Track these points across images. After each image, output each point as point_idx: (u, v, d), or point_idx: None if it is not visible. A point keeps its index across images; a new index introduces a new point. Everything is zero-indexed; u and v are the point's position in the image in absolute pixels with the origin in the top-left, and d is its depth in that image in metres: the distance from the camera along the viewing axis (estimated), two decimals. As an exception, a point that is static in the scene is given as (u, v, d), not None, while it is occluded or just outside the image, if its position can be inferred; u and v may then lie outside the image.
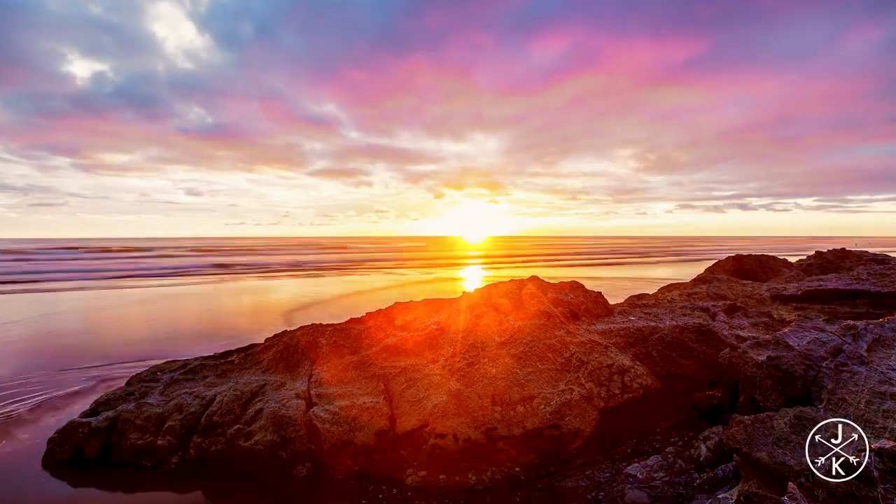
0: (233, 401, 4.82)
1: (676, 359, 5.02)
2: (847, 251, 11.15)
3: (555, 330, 5.46)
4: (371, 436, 4.31)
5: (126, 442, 4.58)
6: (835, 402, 3.65)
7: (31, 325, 11.00)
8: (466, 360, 5.07)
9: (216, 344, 8.52)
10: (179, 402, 4.95)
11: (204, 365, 5.95)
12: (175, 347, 8.68)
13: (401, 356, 5.41)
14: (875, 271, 8.17)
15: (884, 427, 3.18)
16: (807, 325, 5.35)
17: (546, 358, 4.99)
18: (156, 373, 5.87)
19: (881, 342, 4.56)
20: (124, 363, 7.71)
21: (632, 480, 3.79)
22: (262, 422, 4.43)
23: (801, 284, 7.98)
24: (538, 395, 4.52)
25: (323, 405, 4.55)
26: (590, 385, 4.61)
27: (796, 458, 3.06)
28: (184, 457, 4.44)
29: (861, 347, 4.44)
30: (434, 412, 4.37)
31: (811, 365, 4.24)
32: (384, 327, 6.32)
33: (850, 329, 4.97)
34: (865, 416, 3.37)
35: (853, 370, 4.02)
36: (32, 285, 20.27)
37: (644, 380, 4.73)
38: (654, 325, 5.49)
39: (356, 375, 5.12)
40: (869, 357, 4.22)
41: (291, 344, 5.84)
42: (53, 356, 8.15)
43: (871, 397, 3.56)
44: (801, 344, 4.70)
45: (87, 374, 7.20)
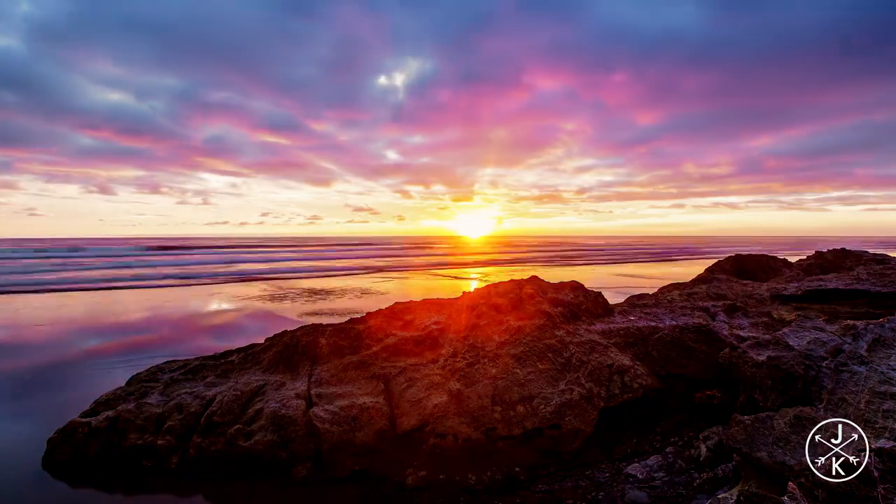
0: (233, 401, 4.82)
1: (676, 359, 5.02)
2: (847, 251, 11.15)
3: (555, 330, 5.46)
4: (371, 436, 4.31)
5: (126, 442, 4.58)
6: (835, 402, 3.66)
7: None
8: (466, 360, 5.07)
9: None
10: (179, 401, 4.95)
11: (204, 365, 5.95)
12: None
13: (401, 356, 5.41)
14: (875, 271, 8.17)
15: (884, 427, 3.18)
16: (807, 325, 5.35)
17: (546, 358, 4.99)
18: (156, 373, 5.87)
19: (881, 342, 4.56)
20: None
21: (632, 480, 3.79)
22: (262, 422, 4.43)
23: (801, 284, 7.98)
24: (538, 395, 4.52)
25: (323, 405, 4.55)
26: (590, 385, 4.61)
27: (796, 458, 3.06)
28: (184, 457, 4.44)
29: (861, 347, 4.44)
30: (434, 412, 4.37)
31: (811, 365, 4.24)
32: (384, 327, 6.32)
33: (850, 329, 4.97)
34: (865, 416, 3.37)
35: (853, 370, 4.02)
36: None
37: (644, 380, 4.73)
38: (654, 325, 5.49)
39: (356, 375, 5.12)
40: (869, 357, 4.22)
41: (291, 344, 5.84)
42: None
43: (871, 397, 3.56)
44: (801, 344, 4.70)
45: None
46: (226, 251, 50.41)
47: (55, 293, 16.31)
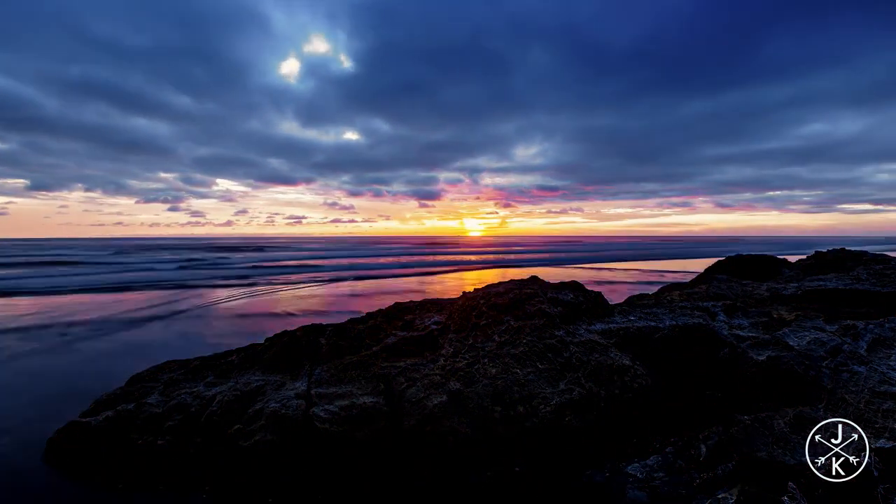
0: (233, 401, 4.82)
1: (676, 359, 5.02)
2: (847, 251, 11.15)
3: (554, 330, 5.46)
4: (371, 436, 4.31)
5: (126, 442, 4.58)
6: (835, 402, 3.66)
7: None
8: (466, 360, 5.07)
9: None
10: (179, 401, 4.96)
11: (204, 365, 5.95)
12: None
13: (401, 356, 5.41)
14: (875, 271, 8.17)
15: (884, 427, 3.18)
16: (807, 325, 5.35)
17: (546, 358, 4.99)
18: (156, 373, 5.87)
19: (881, 342, 4.57)
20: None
21: (632, 480, 3.80)
22: (262, 422, 4.43)
23: (801, 284, 7.98)
24: (538, 394, 4.52)
25: (323, 405, 4.55)
26: (589, 385, 4.61)
27: (796, 458, 3.06)
28: (184, 457, 4.44)
29: (861, 347, 4.44)
30: (434, 412, 4.37)
31: (811, 365, 4.24)
32: (384, 327, 6.32)
33: (850, 329, 4.97)
34: (865, 416, 3.37)
35: (853, 370, 4.02)
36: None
37: (644, 380, 4.73)
38: (654, 325, 5.49)
39: (356, 375, 5.12)
40: (869, 357, 4.22)
41: (291, 344, 5.85)
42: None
43: (871, 397, 3.56)
44: (801, 344, 4.70)
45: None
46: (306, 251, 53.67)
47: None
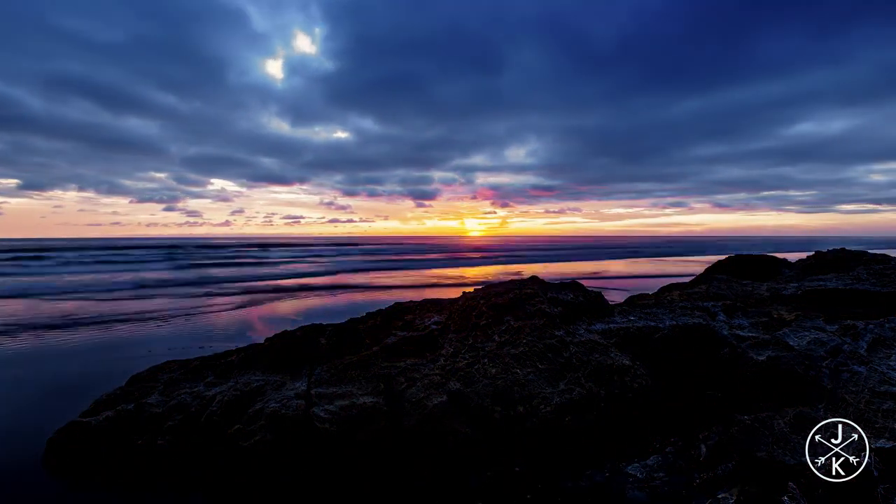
0: (233, 401, 4.82)
1: (676, 359, 5.02)
2: (847, 251, 11.15)
3: (555, 330, 5.46)
4: (371, 436, 4.31)
5: (126, 442, 4.58)
6: (835, 402, 3.66)
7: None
8: (466, 360, 5.07)
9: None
10: (179, 401, 4.95)
11: (204, 365, 5.95)
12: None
13: (401, 356, 5.41)
14: (875, 271, 8.17)
15: (884, 427, 3.18)
16: (807, 324, 5.35)
17: (546, 358, 4.99)
18: (155, 373, 5.87)
19: (881, 342, 4.57)
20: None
21: (632, 480, 3.80)
22: (261, 422, 4.43)
23: (801, 284, 7.98)
24: (538, 394, 4.52)
25: (323, 405, 4.55)
26: (590, 385, 4.61)
27: (796, 458, 3.06)
28: (184, 457, 4.44)
29: (861, 347, 4.44)
30: (434, 412, 4.37)
31: (811, 365, 4.24)
32: (384, 327, 6.33)
33: (850, 329, 4.97)
34: (865, 416, 3.37)
35: (853, 370, 4.02)
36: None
37: (644, 380, 4.73)
38: (655, 325, 5.50)
39: (356, 375, 5.12)
40: (869, 357, 4.22)
41: (291, 344, 5.85)
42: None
43: (871, 397, 3.56)
44: (801, 344, 4.70)
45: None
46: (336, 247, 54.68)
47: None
